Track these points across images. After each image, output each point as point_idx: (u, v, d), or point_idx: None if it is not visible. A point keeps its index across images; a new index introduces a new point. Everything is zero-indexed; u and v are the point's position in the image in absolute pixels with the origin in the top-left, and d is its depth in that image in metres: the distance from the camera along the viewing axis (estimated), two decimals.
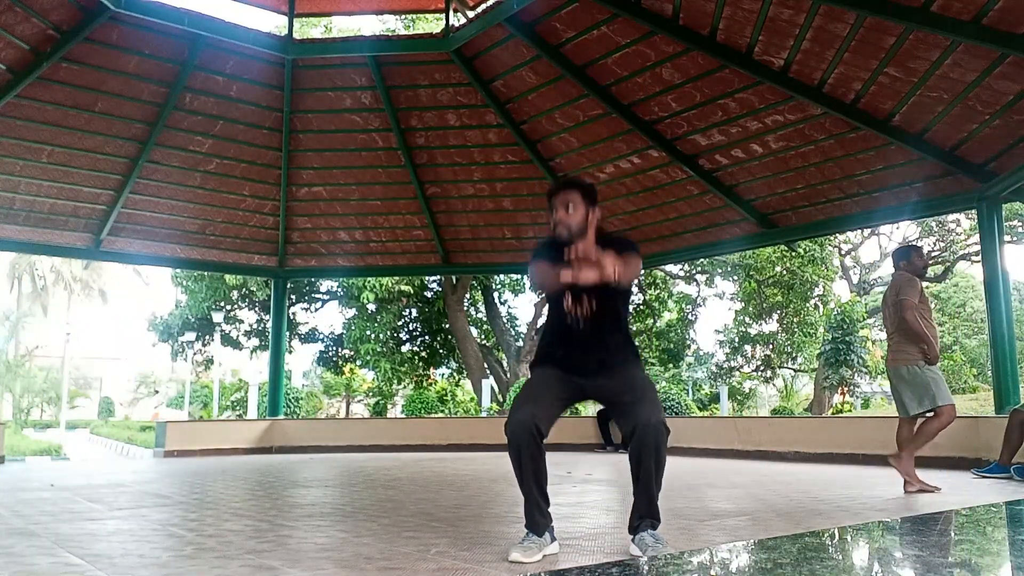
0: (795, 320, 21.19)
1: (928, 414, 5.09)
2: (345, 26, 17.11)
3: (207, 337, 23.82)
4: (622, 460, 3.08)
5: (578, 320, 3.12)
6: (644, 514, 2.96)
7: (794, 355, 22.29)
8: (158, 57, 8.88)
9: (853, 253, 24.75)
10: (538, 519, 2.99)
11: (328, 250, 12.12)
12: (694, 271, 22.22)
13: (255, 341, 23.05)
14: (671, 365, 24.95)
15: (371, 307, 20.32)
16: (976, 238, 15.89)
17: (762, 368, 23.34)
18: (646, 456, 2.90)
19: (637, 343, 3.36)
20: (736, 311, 22.78)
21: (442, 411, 20.44)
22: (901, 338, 5.17)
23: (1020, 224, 19.77)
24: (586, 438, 10.73)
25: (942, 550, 1.89)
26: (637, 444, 2.91)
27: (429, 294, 21.90)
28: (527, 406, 3.00)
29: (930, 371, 5.04)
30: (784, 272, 20.37)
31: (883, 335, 30.37)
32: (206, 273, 19.34)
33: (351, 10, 10.63)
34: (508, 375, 20.79)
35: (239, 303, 22.54)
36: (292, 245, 11.88)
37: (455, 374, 24.53)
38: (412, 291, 20.93)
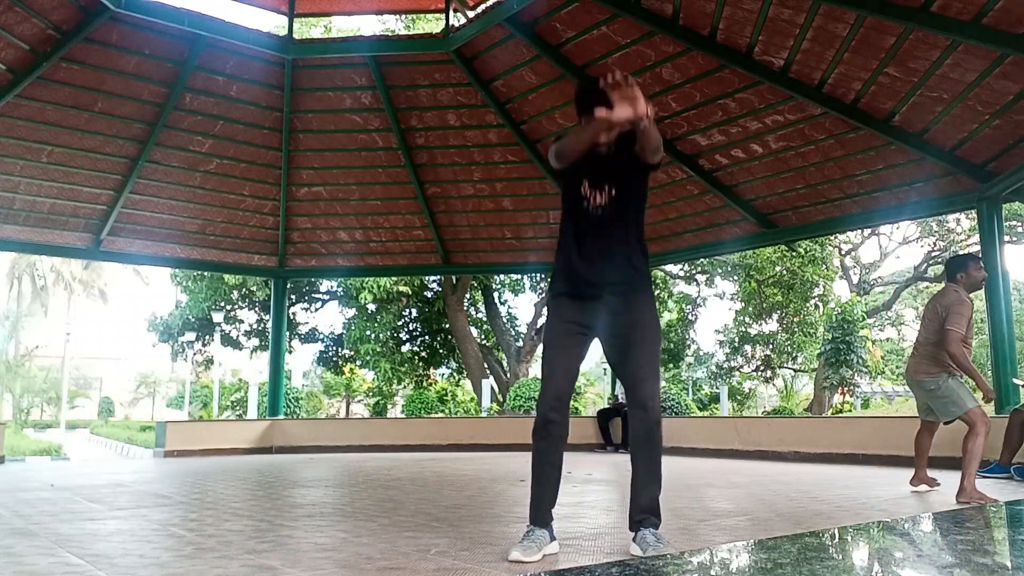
0: (795, 320, 21.20)
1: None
2: (345, 26, 17.12)
3: (207, 337, 23.81)
4: (622, 460, 3.09)
5: (598, 208, 3.10)
6: (645, 509, 2.98)
7: (794, 355, 22.29)
8: (158, 57, 8.89)
9: (853, 253, 24.75)
10: (544, 508, 3.05)
11: (328, 250, 12.11)
12: (694, 271, 22.22)
13: (255, 341, 23.04)
14: (671, 365, 24.94)
15: (371, 307, 20.32)
16: (976, 238, 15.89)
17: (762, 368, 23.35)
18: (642, 450, 3.06)
19: None
20: (736, 311, 22.79)
21: (442, 411, 20.44)
22: (933, 351, 4.91)
23: (1020, 224, 19.77)
24: (586, 438, 10.73)
25: (942, 550, 1.89)
26: (632, 434, 3.11)
27: (429, 294, 21.90)
28: (551, 380, 3.08)
29: (954, 380, 4.85)
30: (784, 272, 20.38)
31: (883, 335, 30.37)
32: (206, 273, 19.34)
33: (351, 10, 10.63)
34: (508, 375, 20.79)
35: (239, 303, 22.53)
36: (292, 245, 11.87)
37: (455, 374, 24.52)
38: (412, 291, 20.93)
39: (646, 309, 3.12)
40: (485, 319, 22.62)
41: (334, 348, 23.35)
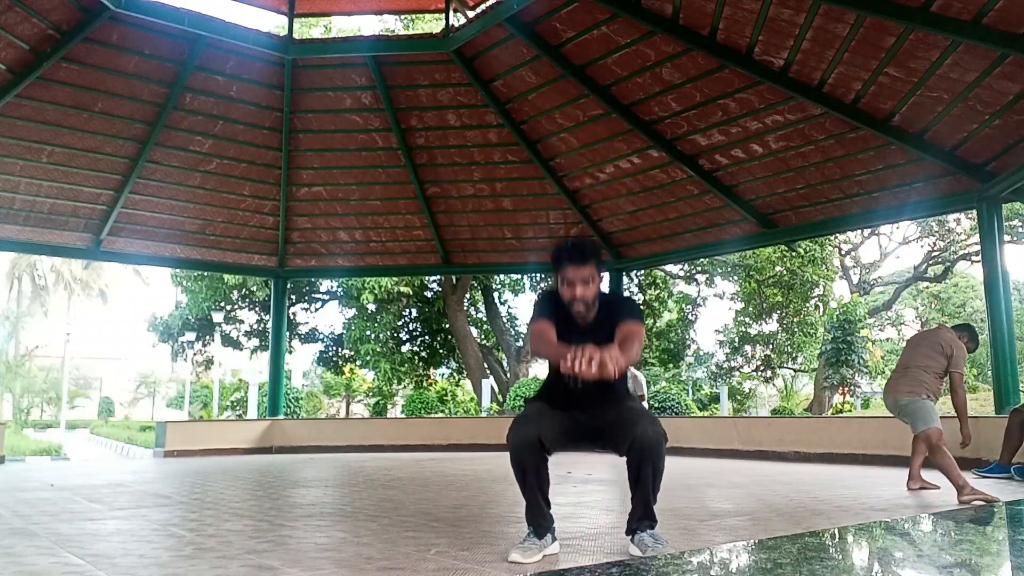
0: (795, 320, 21.20)
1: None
2: (345, 26, 17.11)
3: (207, 337, 23.81)
4: (621, 461, 3.08)
5: (577, 383, 3.05)
6: (641, 516, 2.97)
7: (794, 355, 22.29)
8: (158, 57, 8.89)
9: (853, 253, 24.76)
10: (540, 522, 2.99)
11: (328, 250, 12.12)
12: (694, 271, 22.22)
13: (255, 341, 23.04)
14: (671, 365, 24.95)
15: (371, 307, 20.32)
16: (976, 238, 15.89)
17: (762, 368, 23.35)
18: (644, 464, 2.90)
19: None
20: (736, 311, 22.80)
21: (442, 411, 20.43)
22: (922, 376, 5.07)
23: (1020, 224, 19.77)
24: None
25: (942, 550, 1.89)
26: (636, 453, 2.91)
27: (429, 294, 21.90)
28: (530, 424, 2.97)
29: (930, 401, 5.03)
30: (784, 272, 20.38)
31: (883, 335, 30.35)
32: (206, 273, 19.34)
33: (351, 10, 10.63)
34: (508, 375, 20.79)
35: (239, 303, 22.53)
36: (292, 245, 11.88)
37: (455, 374, 24.53)
38: (412, 291, 20.93)
39: (635, 405, 3.19)
40: (485, 319, 22.62)
41: (334, 348, 23.35)
